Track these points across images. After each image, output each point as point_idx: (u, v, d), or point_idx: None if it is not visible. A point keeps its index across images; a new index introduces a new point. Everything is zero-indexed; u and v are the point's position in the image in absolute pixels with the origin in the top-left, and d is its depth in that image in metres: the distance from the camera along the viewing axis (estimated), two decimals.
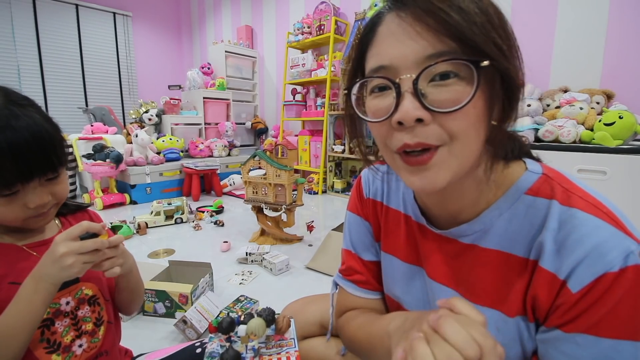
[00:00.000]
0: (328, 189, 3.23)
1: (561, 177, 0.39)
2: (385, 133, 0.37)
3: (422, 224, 0.48)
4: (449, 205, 0.44)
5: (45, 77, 4.12)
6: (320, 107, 3.33)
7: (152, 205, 2.27)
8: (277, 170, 1.81)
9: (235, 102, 4.08)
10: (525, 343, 0.39)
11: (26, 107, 0.48)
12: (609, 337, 0.32)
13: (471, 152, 0.35)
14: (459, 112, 0.32)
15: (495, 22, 0.33)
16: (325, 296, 0.79)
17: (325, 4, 3.19)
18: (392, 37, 0.35)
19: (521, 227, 0.39)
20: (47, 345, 0.51)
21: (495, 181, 0.40)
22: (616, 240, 0.32)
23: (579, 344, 0.34)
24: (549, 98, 2.00)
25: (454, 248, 0.45)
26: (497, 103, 0.34)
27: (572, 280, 0.33)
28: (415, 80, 0.33)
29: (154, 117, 3.43)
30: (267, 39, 4.17)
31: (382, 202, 0.56)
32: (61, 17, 4.21)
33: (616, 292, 0.32)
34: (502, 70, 0.32)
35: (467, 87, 0.32)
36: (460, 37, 0.31)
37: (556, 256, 0.35)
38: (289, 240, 1.93)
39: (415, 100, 0.33)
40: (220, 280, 1.46)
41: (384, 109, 0.36)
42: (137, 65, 4.93)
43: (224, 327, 0.55)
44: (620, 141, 1.51)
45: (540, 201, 0.38)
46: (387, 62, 0.35)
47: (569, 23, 2.03)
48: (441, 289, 0.46)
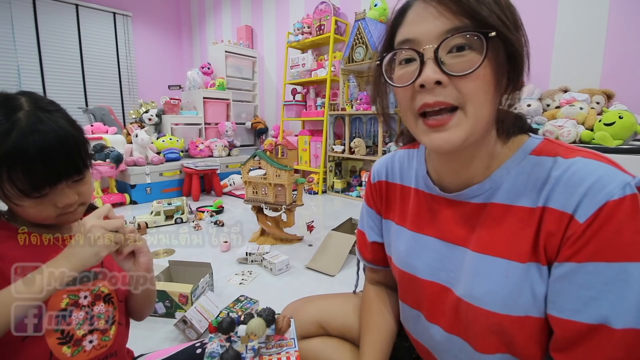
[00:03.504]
0: (328, 189, 3.23)
1: (561, 141, 0.45)
2: (410, 96, 0.43)
3: (434, 194, 0.53)
4: (463, 172, 0.48)
5: (45, 77, 4.12)
6: (320, 107, 3.33)
7: (152, 205, 2.27)
8: (277, 170, 1.81)
9: (235, 102, 4.08)
10: (535, 287, 0.41)
11: (52, 112, 0.49)
12: (617, 260, 0.35)
13: (482, 114, 0.41)
14: (471, 76, 0.38)
15: (502, 3, 0.40)
16: (326, 296, 0.80)
17: (325, 4, 3.19)
18: (418, 17, 0.41)
19: (528, 181, 0.43)
20: (61, 335, 0.51)
21: (504, 147, 0.46)
22: (614, 175, 0.37)
23: (591, 272, 0.36)
24: (549, 98, 2.00)
25: (467, 209, 0.49)
26: (503, 71, 0.41)
27: (578, 212, 0.37)
28: (436, 49, 0.39)
29: (154, 117, 3.43)
30: (267, 39, 4.17)
31: (389, 180, 0.63)
32: (61, 17, 4.21)
33: (618, 217, 0.35)
34: (507, 40, 0.39)
35: (478, 56, 0.38)
36: (472, 14, 0.38)
37: (562, 196, 0.39)
38: (289, 240, 1.93)
39: (435, 66, 0.39)
40: (220, 280, 1.46)
41: (409, 74, 0.42)
42: (137, 65, 4.93)
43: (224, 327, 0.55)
44: (620, 141, 1.51)
45: (544, 159, 0.43)
46: (412, 36, 0.41)
47: (569, 23, 2.03)
48: (454, 248, 0.50)
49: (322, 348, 0.70)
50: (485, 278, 0.44)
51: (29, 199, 0.48)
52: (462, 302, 0.47)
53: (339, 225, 1.82)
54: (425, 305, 0.55)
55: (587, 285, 0.36)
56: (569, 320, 0.38)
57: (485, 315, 0.44)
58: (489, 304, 0.44)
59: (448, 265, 0.50)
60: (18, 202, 0.48)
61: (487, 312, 0.44)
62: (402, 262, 0.58)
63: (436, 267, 0.52)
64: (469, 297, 0.46)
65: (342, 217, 2.18)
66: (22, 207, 0.49)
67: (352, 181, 3.24)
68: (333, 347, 0.70)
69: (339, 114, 3.10)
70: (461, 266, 0.48)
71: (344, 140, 3.12)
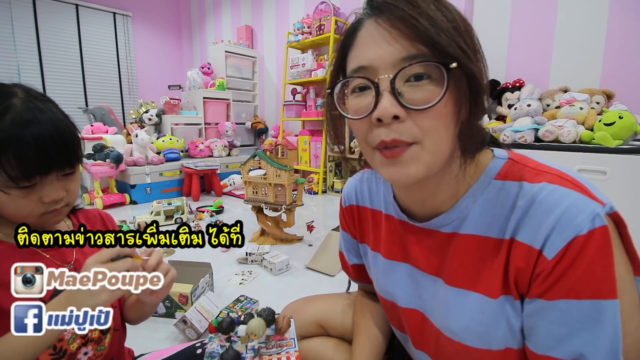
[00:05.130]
0: (328, 189, 3.23)
1: (526, 159, 0.42)
2: (366, 130, 0.40)
3: (404, 221, 0.51)
4: (429, 201, 0.46)
5: (45, 77, 4.11)
6: (320, 107, 3.33)
7: (152, 205, 2.27)
8: (277, 170, 1.81)
9: (235, 102, 4.08)
10: (511, 321, 0.40)
11: (46, 102, 0.49)
12: (588, 297, 0.34)
13: (442, 148, 0.39)
14: (430, 110, 0.36)
15: (461, 29, 0.36)
16: (325, 296, 0.80)
17: (325, 4, 3.19)
18: (371, 40, 0.38)
19: (494, 209, 0.41)
20: (53, 352, 0.50)
21: (468, 171, 0.43)
22: (582, 204, 0.35)
23: (562, 310, 0.35)
24: (549, 98, 2.00)
25: (436, 239, 0.47)
26: (464, 103, 0.38)
27: (546, 248, 0.36)
28: (393, 79, 0.36)
29: (154, 117, 3.43)
30: (267, 39, 4.17)
31: (359, 204, 0.61)
32: (61, 17, 4.21)
33: (587, 253, 0.34)
34: (468, 71, 0.36)
35: (438, 87, 0.36)
36: (429, 41, 0.35)
37: (530, 229, 0.37)
38: (289, 240, 1.93)
39: (392, 98, 0.36)
40: (220, 280, 1.46)
41: (365, 107, 0.39)
42: (137, 65, 4.92)
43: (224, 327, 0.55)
44: (620, 141, 1.51)
45: (509, 184, 0.41)
46: (366, 63, 0.38)
47: (569, 23, 2.03)
48: (428, 278, 0.49)
49: (322, 348, 0.70)
50: (460, 314, 0.44)
51: (17, 188, 0.46)
52: (442, 336, 0.47)
53: (339, 225, 1.81)
54: (409, 331, 0.55)
55: (559, 323, 0.36)
56: (543, 355, 0.37)
57: (466, 350, 0.44)
58: (467, 339, 0.43)
59: (423, 294, 0.50)
60: (5, 190, 0.46)
61: (467, 347, 0.43)
62: (381, 289, 0.58)
63: (414, 295, 0.51)
64: (447, 332, 0.46)
65: None
66: (5, 202, 0.47)
67: None
68: (333, 347, 0.70)
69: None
70: (436, 297, 0.48)
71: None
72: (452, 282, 0.45)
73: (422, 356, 0.53)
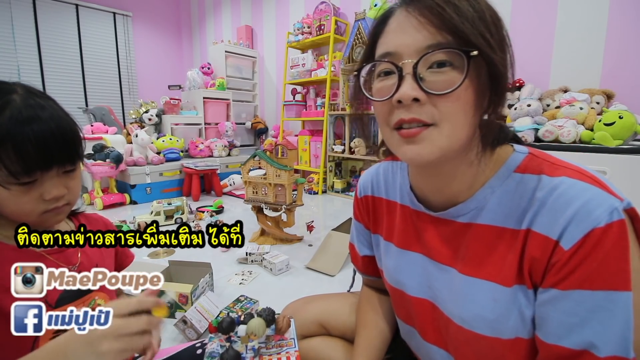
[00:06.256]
0: (328, 189, 3.23)
1: (546, 155, 0.43)
2: (387, 111, 0.42)
3: (420, 211, 0.52)
4: (445, 189, 0.47)
5: (45, 77, 4.11)
6: (320, 107, 3.33)
7: (152, 205, 2.27)
8: (277, 170, 1.81)
9: (235, 102, 4.08)
10: (523, 310, 0.41)
11: (47, 99, 0.49)
12: (602, 289, 0.35)
13: (459, 133, 0.39)
14: (450, 96, 0.37)
15: (487, 19, 0.38)
16: (327, 296, 0.80)
17: (325, 4, 3.19)
18: (399, 28, 0.40)
19: (512, 201, 0.42)
20: None
21: (487, 163, 0.44)
22: (601, 198, 0.35)
23: (576, 300, 0.36)
24: (549, 98, 2.00)
25: (452, 228, 0.48)
26: (485, 91, 0.39)
27: (564, 238, 0.36)
28: (415, 64, 0.38)
29: (154, 117, 3.43)
30: (267, 39, 4.17)
31: (375, 195, 0.62)
32: (61, 17, 4.21)
33: (604, 245, 0.34)
34: (489, 60, 0.37)
35: (459, 75, 0.37)
36: (453, 29, 0.36)
37: (547, 220, 0.38)
38: (289, 240, 1.93)
39: (414, 82, 0.38)
40: (220, 280, 1.46)
41: (387, 89, 0.41)
42: (137, 65, 4.92)
43: (224, 327, 0.55)
44: (620, 141, 1.51)
45: (528, 177, 0.41)
46: (392, 49, 0.40)
47: (569, 23, 2.03)
48: (440, 267, 0.49)
49: (323, 347, 0.70)
50: (473, 302, 0.44)
51: (18, 184, 0.46)
52: (452, 324, 0.47)
53: (339, 225, 1.82)
54: (417, 322, 0.55)
55: (572, 313, 0.36)
56: (553, 345, 0.38)
57: (476, 338, 0.44)
58: (478, 327, 0.44)
59: (434, 284, 0.50)
60: (6, 185, 0.45)
61: (478, 335, 0.44)
62: (391, 278, 0.58)
63: (424, 284, 0.52)
64: (458, 320, 0.46)
65: (342, 217, 2.18)
66: (5, 198, 0.47)
67: (352, 181, 3.24)
68: (333, 347, 0.70)
69: (339, 114, 3.10)
70: (448, 286, 0.48)
71: (344, 140, 3.12)
72: (465, 271, 0.46)
73: (430, 347, 0.53)
